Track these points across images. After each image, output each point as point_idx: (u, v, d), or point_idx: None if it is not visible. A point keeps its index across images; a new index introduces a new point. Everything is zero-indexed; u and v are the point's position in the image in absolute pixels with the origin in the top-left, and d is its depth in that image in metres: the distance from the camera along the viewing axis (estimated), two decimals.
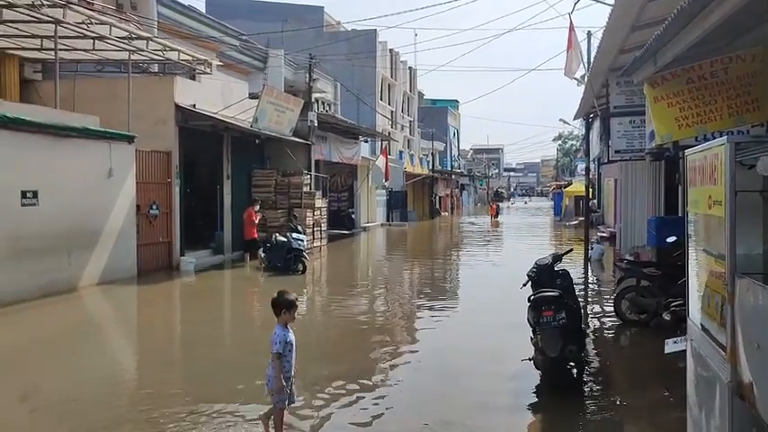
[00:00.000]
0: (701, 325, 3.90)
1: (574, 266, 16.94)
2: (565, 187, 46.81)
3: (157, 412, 5.94)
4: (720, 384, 3.38)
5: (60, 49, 13.60)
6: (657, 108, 5.45)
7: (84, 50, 14.62)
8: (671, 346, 5.33)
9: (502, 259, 20.31)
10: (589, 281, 14.90)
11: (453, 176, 61.43)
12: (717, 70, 5.19)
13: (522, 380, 6.68)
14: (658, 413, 5.86)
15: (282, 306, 4.85)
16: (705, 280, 3.81)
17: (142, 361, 8.43)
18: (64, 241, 12.09)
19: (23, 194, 11.27)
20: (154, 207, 15.21)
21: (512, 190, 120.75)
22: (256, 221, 16.94)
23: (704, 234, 3.92)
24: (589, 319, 10.36)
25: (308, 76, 23.47)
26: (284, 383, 4.73)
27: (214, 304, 12.76)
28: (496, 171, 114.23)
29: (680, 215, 9.78)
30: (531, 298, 6.46)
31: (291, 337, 4.86)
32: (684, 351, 4.43)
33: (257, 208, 17.32)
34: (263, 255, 15.96)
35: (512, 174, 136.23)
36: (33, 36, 13.82)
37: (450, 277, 16.99)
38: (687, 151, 4.15)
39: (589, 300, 12.25)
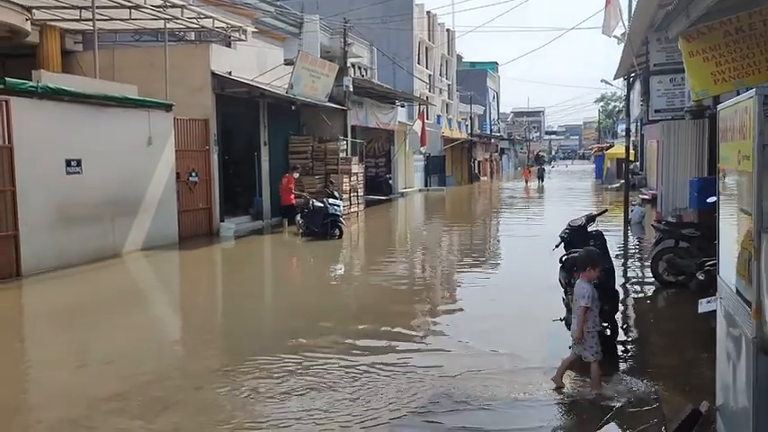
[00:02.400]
0: (731, 283, 3.85)
1: (615, 229, 16.77)
2: (607, 150, 45.88)
3: (196, 369, 6.17)
4: (746, 341, 3.35)
5: (98, 20, 13.83)
6: (693, 63, 5.29)
7: (122, 20, 14.82)
8: (704, 306, 5.28)
9: (539, 223, 20.15)
10: (629, 243, 14.71)
11: (492, 140, 60.72)
12: (755, 22, 4.99)
13: (556, 339, 6.69)
14: (691, 373, 5.82)
15: (587, 263, 4.99)
16: (735, 237, 3.75)
17: (185, 322, 8.72)
18: (108, 208, 12.45)
19: (68, 163, 11.60)
20: (193, 174, 15.50)
21: (553, 153, 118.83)
22: (293, 188, 17.06)
23: (735, 190, 3.84)
24: (626, 281, 10.27)
25: (343, 40, 23.36)
26: (589, 336, 5.07)
27: (253, 268, 13.04)
28: (537, 134, 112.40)
29: None
30: (563, 259, 6.43)
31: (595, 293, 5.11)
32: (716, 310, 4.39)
33: (296, 175, 17.45)
34: (300, 220, 16.17)
35: (553, 137, 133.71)
36: (72, 7, 14.06)
37: (488, 241, 16.96)
38: (719, 106, 4.04)
39: (627, 262, 12.12)
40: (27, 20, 13.54)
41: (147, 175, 13.74)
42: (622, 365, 6.15)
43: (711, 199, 9.29)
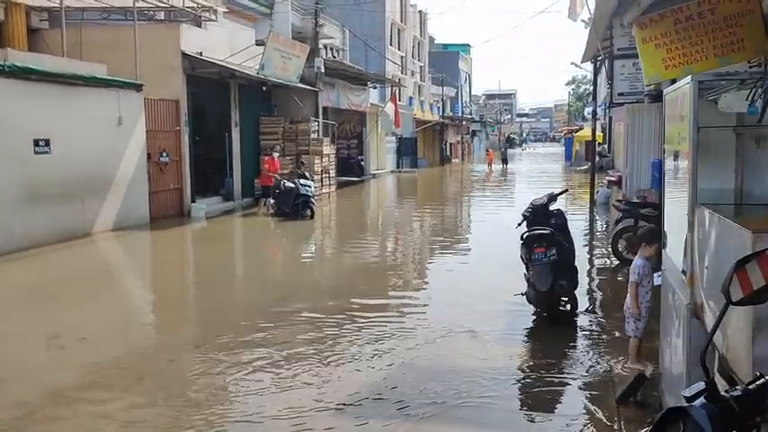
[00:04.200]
0: (672, 256, 4.14)
1: (581, 210, 17.20)
2: (576, 132, 46.52)
3: (169, 343, 6.35)
4: (681, 308, 3.63)
5: None
6: (646, 49, 5.55)
7: None
8: (656, 279, 5.60)
9: (508, 203, 20.53)
10: (594, 223, 15.14)
11: (464, 123, 61.03)
12: (704, 11, 5.26)
13: (519, 314, 6.99)
14: (646, 343, 6.16)
15: (642, 239, 5.13)
16: (677, 213, 4.02)
17: (157, 299, 8.84)
18: (77, 188, 12.42)
19: (36, 143, 11.55)
20: (164, 155, 15.48)
21: (524, 135, 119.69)
22: (268, 169, 16.92)
23: (676, 169, 4.11)
24: (590, 258, 10.65)
25: (314, 21, 23.32)
26: (641, 311, 5.05)
27: (224, 248, 13.16)
28: (509, 116, 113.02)
29: None
30: (524, 235, 6.71)
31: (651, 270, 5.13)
32: None
33: (276, 156, 17.38)
34: (272, 201, 16.27)
35: (524, 119, 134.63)
36: None
37: (457, 221, 17.27)
38: (665, 91, 4.31)
39: (590, 241, 12.51)
40: None
41: (117, 155, 13.71)
42: (580, 336, 6.46)
43: None
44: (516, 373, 5.50)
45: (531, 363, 5.72)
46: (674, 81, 6.69)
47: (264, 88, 19.69)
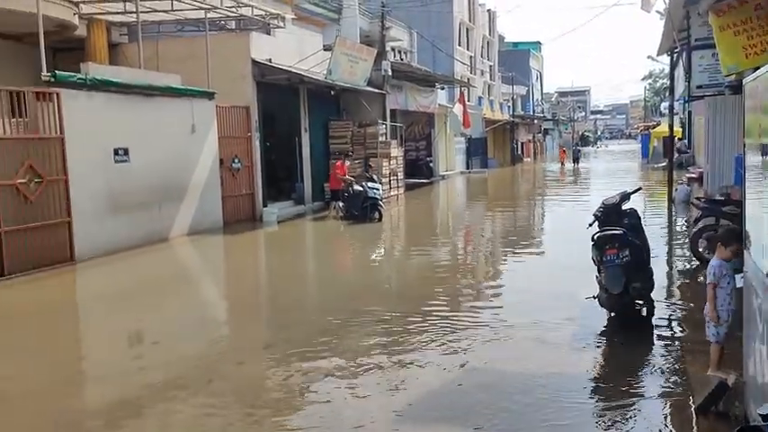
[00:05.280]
0: (755, 257, 3.87)
1: (659, 209, 16.54)
2: (653, 128, 44.85)
3: (239, 346, 6.46)
4: (765, 312, 3.38)
5: (142, 12, 14.23)
6: (724, 37, 5.24)
7: (164, 11, 15.19)
8: (739, 281, 5.27)
9: (579, 203, 19.95)
10: (672, 222, 14.52)
11: (535, 121, 59.94)
12: None
13: (590, 317, 6.75)
14: (729, 349, 5.82)
15: (718, 240, 5.05)
16: (760, 211, 3.76)
17: (229, 302, 9.04)
18: (154, 195, 12.87)
19: (116, 152, 12.03)
20: (236, 161, 15.86)
21: (599, 133, 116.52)
22: (340, 173, 16.94)
23: (758, 164, 3.84)
24: (668, 260, 10.20)
25: (381, 25, 23.40)
26: (719, 315, 4.79)
27: (296, 251, 13.33)
28: (582, 114, 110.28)
29: None
30: (595, 236, 6.47)
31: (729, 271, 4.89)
32: None
33: (348, 163, 17.47)
34: (341, 204, 16.41)
35: (599, 116, 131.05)
36: (117, 0, 14.49)
37: (528, 222, 16.91)
38: (745, 80, 4.04)
39: (669, 241, 11.99)
40: (75, 14, 14.03)
41: (191, 161, 14.14)
42: (656, 341, 6.17)
43: None
44: (587, 380, 5.29)
45: (603, 369, 5.50)
46: (756, 70, 6.30)
47: (333, 93, 19.90)
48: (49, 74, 10.68)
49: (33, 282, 9.65)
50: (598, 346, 6.13)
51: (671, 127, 18.12)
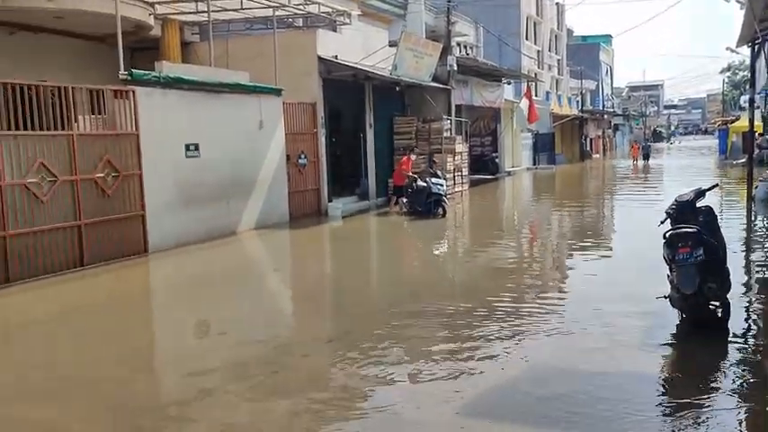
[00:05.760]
0: None
1: (737, 207, 15.86)
2: (732, 123, 42.95)
3: (304, 338, 6.56)
4: None
5: (213, 11, 14.62)
6: None
7: (234, 10, 15.56)
8: None
9: (651, 201, 19.31)
10: (752, 221, 13.88)
11: (605, 116, 58.36)
12: None
13: (662, 318, 6.53)
14: None
15: None
16: None
17: (295, 295, 9.19)
18: (223, 189, 13.22)
19: (187, 147, 12.40)
20: (302, 156, 16.10)
21: (672, 128, 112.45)
22: (405, 168, 16.90)
23: None
24: (747, 260, 9.75)
25: (447, 20, 23.26)
26: None
27: (360, 246, 13.46)
28: (655, 109, 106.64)
29: None
30: (667, 234, 6.24)
31: None
32: None
33: (413, 157, 17.46)
34: (404, 200, 16.43)
35: (672, 111, 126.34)
36: (190, 0, 14.93)
37: (596, 220, 16.49)
38: None
39: (748, 241, 11.46)
40: (150, 15, 14.54)
41: (259, 157, 14.43)
42: (731, 347, 5.92)
43: None
44: (657, 382, 5.13)
45: (674, 372, 5.31)
46: None
47: (398, 88, 19.92)
48: (126, 72, 11.11)
49: (110, 272, 10.08)
50: (669, 348, 5.92)
51: (751, 121, 17.30)
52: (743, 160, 30.93)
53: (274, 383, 5.28)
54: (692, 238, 5.97)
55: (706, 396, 4.80)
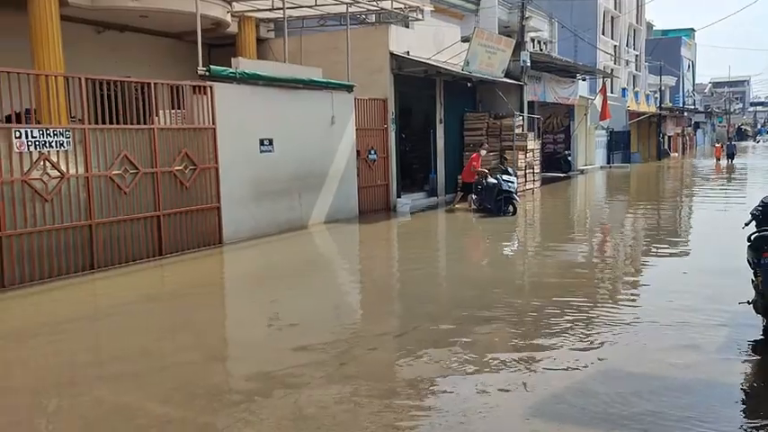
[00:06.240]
0: None
1: None
2: None
3: (372, 332, 6.62)
4: None
5: (288, 8, 14.89)
6: None
7: (308, 7, 15.80)
8: None
9: (734, 202, 18.46)
10: None
11: (685, 114, 56.12)
12: None
13: (744, 325, 6.25)
14: None
15: None
16: None
17: (363, 289, 9.26)
18: (295, 184, 13.46)
19: (261, 142, 12.70)
20: (372, 152, 16.21)
21: (759, 126, 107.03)
22: (475, 166, 16.75)
23: None
24: None
25: (521, 15, 22.88)
26: None
27: (428, 242, 13.45)
28: (740, 106, 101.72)
29: None
30: (752, 237, 5.96)
31: None
32: None
33: (483, 152, 17.30)
34: (474, 197, 16.30)
35: (759, 108, 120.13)
36: None
37: (674, 221, 15.90)
38: None
39: None
40: (228, 12, 14.95)
41: (330, 152, 14.62)
42: None
43: None
44: (736, 391, 4.91)
45: (756, 382, 5.06)
46: None
47: (469, 84, 19.77)
48: (204, 68, 11.46)
49: (186, 261, 10.45)
50: (751, 356, 5.66)
51: None
52: None
53: (342, 375, 5.34)
54: None
55: None
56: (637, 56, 45.92)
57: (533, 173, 21.42)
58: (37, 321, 7.29)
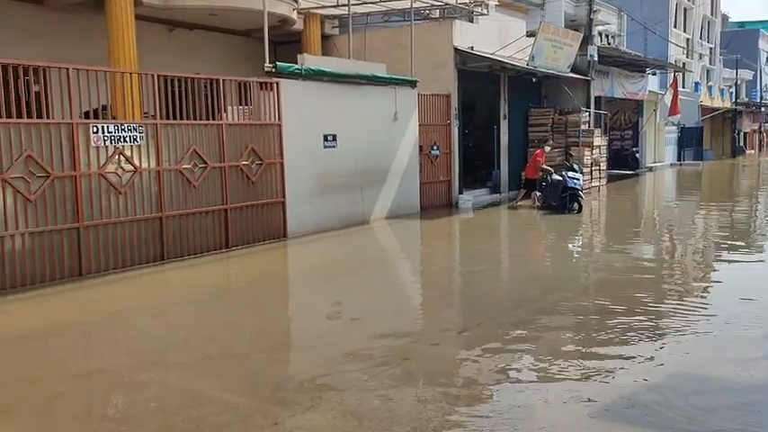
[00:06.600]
0: None
1: None
2: None
3: (433, 328, 6.61)
4: None
5: (353, 4, 15.00)
6: None
7: (373, 3, 15.88)
8: None
9: None
10: None
11: (763, 109, 53.64)
12: None
13: None
14: None
15: None
16: None
17: (425, 284, 9.25)
18: (357, 179, 13.55)
19: (325, 138, 12.83)
20: (435, 148, 16.16)
21: None
22: (539, 162, 16.43)
23: None
24: None
25: (588, 8, 22.32)
26: None
27: (491, 238, 13.32)
28: None
29: None
30: None
31: None
32: None
33: (547, 149, 17.01)
34: (538, 194, 16.04)
35: None
36: None
37: (750, 222, 15.23)
38: None
39: None
40: (294, 9, 15.18)
41: (392, 148, 14.65)
42: None
43: None
44: None
45: None
46: None
47: (534, 79, 19.44)
48: (271, 65, 11.67)
49: (252, 254, 10.67)
50: None
51: None
52: None
53: (404, 371, 5.35)
54: None
55: None
56: (711, 49, 44.19)
57: (599, 170, 20.90)
58: (111, 309, 7.59)
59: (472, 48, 16.48)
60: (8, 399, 5.05)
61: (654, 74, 28.81)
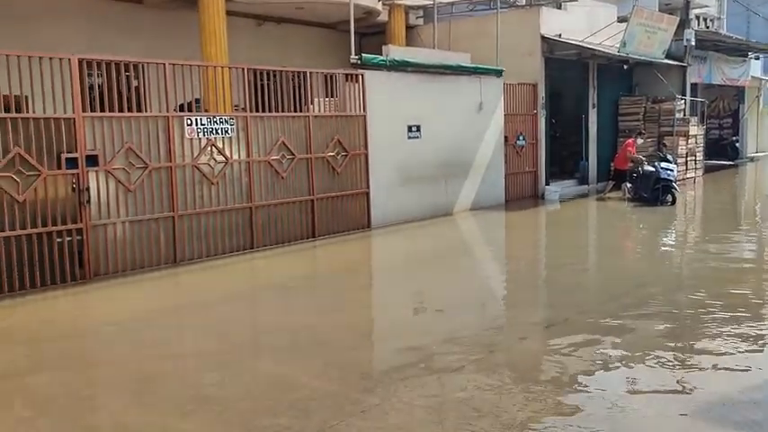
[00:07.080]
0: None
1: None
2: None
3: (520, 321, 6.50)
4: None
5: None
6: None
7: None
8: None
9: None
10: None
11: None
12: None
13: None
14: None
15: None
16: None
17: (510, 277, 9.11)
18: (441, 170, 13.48)
19: (409, 129, 12.83)
20: (521, 138, 15.86)
21: None
22: (630, 152, 15.82)
23: None
24: None
25: None
26: None
27: (578, 231, 12.98)
28: None
29: None
30: None
31: None
32: None
33: (640, 141, 16.38)
34: (628, 185, 15.46)
35: None
36: None
37: None
38: None
39: None
40: (379, 1, 15.23)
41: (477, 138, 14.48)
42: None
43: None
44: None
45: None
46: None
47: (625, 67, 18.70)
48: (356, 57, 11.77)
49: (337, 244, 10.84)
50: None
51: None
52: None
53: (491, 363, 5.29)
54: None
55: None
56: None
57: (695, 160, 19.90)
58: (204, 295, 7.90)
59: (560, 35, 16.02)
60: (109, 376, 5.35)
61: (757, 58, 27.08)
